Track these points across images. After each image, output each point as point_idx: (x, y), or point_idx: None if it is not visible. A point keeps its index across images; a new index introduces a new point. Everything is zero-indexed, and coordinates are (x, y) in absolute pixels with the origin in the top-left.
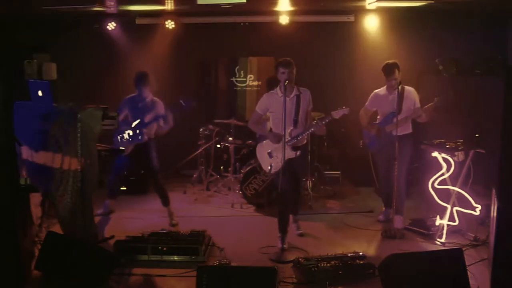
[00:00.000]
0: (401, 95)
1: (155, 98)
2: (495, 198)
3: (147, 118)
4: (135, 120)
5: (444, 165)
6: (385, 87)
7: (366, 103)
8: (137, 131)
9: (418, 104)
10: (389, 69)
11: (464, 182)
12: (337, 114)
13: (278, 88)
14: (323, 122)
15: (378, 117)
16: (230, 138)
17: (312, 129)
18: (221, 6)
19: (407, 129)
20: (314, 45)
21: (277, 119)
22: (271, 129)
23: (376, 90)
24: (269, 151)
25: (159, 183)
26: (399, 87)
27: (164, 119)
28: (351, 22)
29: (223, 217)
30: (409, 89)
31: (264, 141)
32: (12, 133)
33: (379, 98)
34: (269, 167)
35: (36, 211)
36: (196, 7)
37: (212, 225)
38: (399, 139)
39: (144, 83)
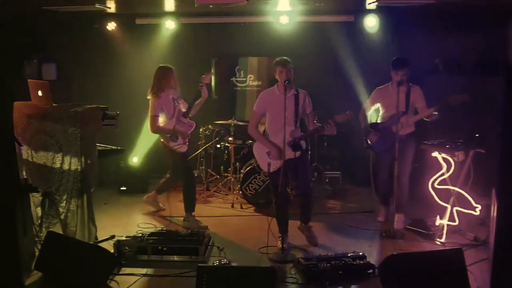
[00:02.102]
0: (408, 93)
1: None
2: (495, 198)
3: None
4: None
5: (444, 165)
6: (389, 83)
7: (367, 100)
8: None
9: (424, 102)
10: (399, 63)
11: (464, 182)
12: (341, 118)
13: (275, 86)
14: (328, 125)
15: (380, 115)
16: (230, 138)
17: (321, 130)
18: (221, 6)
19: (411, 127)
20: (314, 45)
21: (275, 119)
22: (264, 130)
23: (378, 87)
24: (268, 150)
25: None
26: (406, 85)
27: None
28: (351, 22)
29: (223, 217)
30: (415, 87)
31: None
32: (11, 133)
33: (384, 95)
34: (267, 166)
35: (36, 211)
36: (196, 7)
37: (212, 225)
38: (404, 138)
39: None
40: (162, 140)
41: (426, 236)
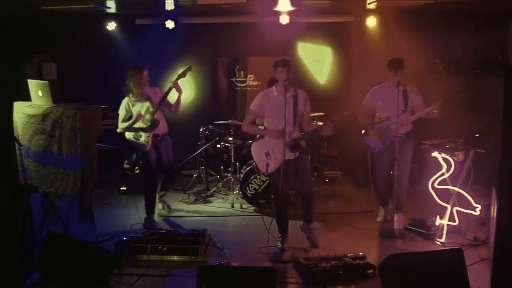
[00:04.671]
0: (405, 93)
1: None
2: (495, 198)
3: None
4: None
5: (444, 165)
6: (385, 83)
7: (364, 101)
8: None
9: (421, 101)
10: (398, 64)
11: (464, 182)
12: (339, 118)
13: (274, 87)
14: (326, 126)
15: (377, 114)
16: (230, 138)
17: (320, 130)
18: (222, 6)
19: (409, 126)
20: (314, 45)
21: (274, 120)
22: (264, 128)
23: (374, 87)
24: (266, 151)
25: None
26: (402, 84)
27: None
28: (351, 22)
29: (223, 217)
30: (411, 86)
31: (260, 140)
32: (11, 133)
33: (381, 95)
34: (265, 167)
35: (36, 211)
36: (196, 7)
37: (212, 225)
38: (404, 137)
39: None
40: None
41: (426, 236)
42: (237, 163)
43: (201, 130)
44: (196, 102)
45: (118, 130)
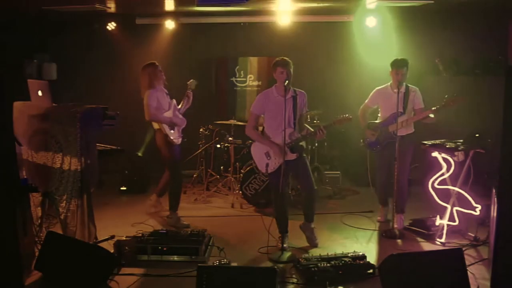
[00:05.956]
0: (406, 94)
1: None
2: (495, 198)
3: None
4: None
5: (444, 165)
6: (388, 84)
7: (366, 101)
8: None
9: (422, 105)
10: (399, 64)
11: (464, 182)
12: (340, 121)
13: (273, 88)
14: (320, 132)
15: (379, 115)
16: (230, 138)
17: (313, 135)
18: (222, 6)
19: (410, 129)
20: (314, 45)
21: (273, 121)
22: (263, 129)
23: (377, 87)
24: (267, 151)
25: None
26: (405, 86)
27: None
28: (351, 22)
29: (223, 217)
30: (413, 88)
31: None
32: (11, 133)
33: (383, 95)
34: (265, 167)
35: (36, 211)
36: (196, 7)
37: (212, 225)
38: (402, 139)
39: None
40: (159, 128)
41: (426, 236)
42: (237, 163)
43: (201, 130)
44: (196, 102)
45: (151, 119)
